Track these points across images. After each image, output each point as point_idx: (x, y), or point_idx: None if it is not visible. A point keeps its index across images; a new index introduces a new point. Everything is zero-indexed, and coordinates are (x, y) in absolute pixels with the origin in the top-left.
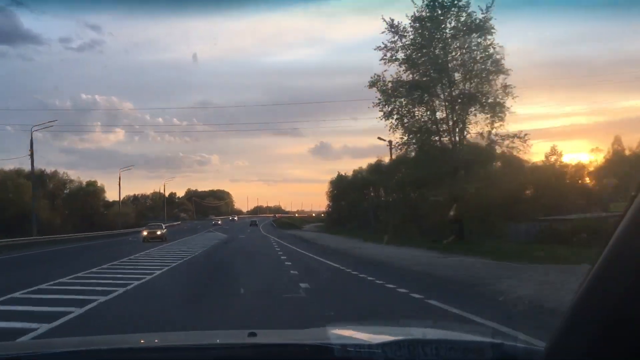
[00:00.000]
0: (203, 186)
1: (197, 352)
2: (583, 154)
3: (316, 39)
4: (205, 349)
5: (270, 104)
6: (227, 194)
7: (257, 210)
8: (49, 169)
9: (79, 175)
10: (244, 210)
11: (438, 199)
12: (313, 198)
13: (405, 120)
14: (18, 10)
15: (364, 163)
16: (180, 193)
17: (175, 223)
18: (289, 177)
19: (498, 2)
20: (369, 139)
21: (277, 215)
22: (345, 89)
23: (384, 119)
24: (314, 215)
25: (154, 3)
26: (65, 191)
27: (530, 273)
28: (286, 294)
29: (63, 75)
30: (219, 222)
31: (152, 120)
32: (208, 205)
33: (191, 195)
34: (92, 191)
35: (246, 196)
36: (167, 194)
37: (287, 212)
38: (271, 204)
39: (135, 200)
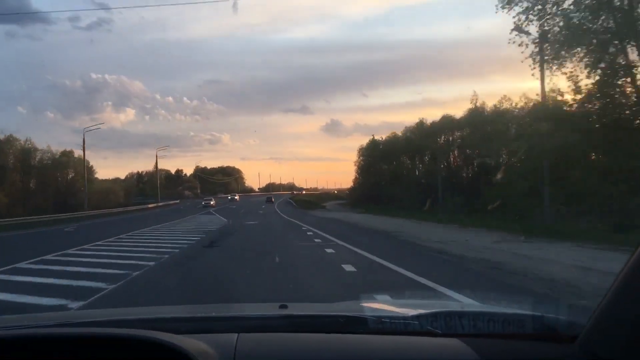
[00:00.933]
0: (214, 165)
1: (228, 323)
2: None
3: (327, 15)
4: (236, 319)
5: (280, 81)
6: (237, 170)
7: (270, 187)
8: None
9: (49, 144)
10: (256, 187)
11: None
12: (327, 176)
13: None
14: None
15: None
16: (189, 171)
17: (172, 202)
18: (300, 155)
19: None
20: (379, 116)
21: (294, 192)
22: (356, 66)
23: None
24: (335, 192)
25: None
26: (31, 162)
27: None
28: None
29: (72, 55)
30: (211, 203)
31: (162, 99)
32: (217, 182)
33: (198, 172)
34: (65, 163)
35: (257, 173)
36: (173, 171)
37: (302, 189)
38: (284, 182)
39: (139, 177)
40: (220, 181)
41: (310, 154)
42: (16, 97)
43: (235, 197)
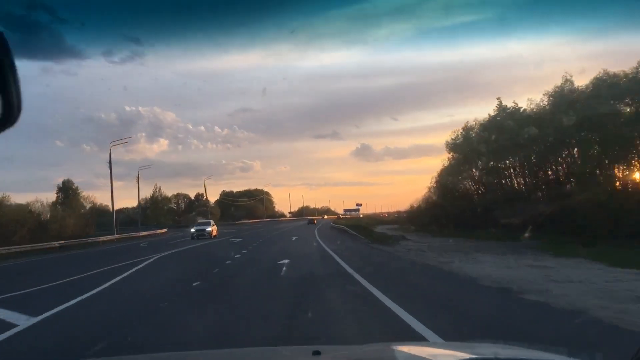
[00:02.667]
0: (241, 188)
1: None
2: None
3: (353, 40)
4: None
5: (310, 107)
6: (265, 193)
7: (303, 211)
8: None
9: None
10: (287, 211)
11: None
12: (360, 200)
13: None
14: (62, 27)
15: (405, 164)
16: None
17: (159, 231)
18: (330, 180)
19: None
20: (410, 139)
21: (340, 215)
22: (385, 89)
23: None
24: (386, 215)
25: (191, 16)
26: None
27: None
28: None
29: (106, 88)
30: (209, 230)
31: (194, 128)
32: (242, 206)
33: (223, 197)
34: None
35: (288, 196)
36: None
37: (357, 209)
38: (318, 205)
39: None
40: (245, 204)
41: (341, 178)
42: (53, 132)
43: (208, 229)
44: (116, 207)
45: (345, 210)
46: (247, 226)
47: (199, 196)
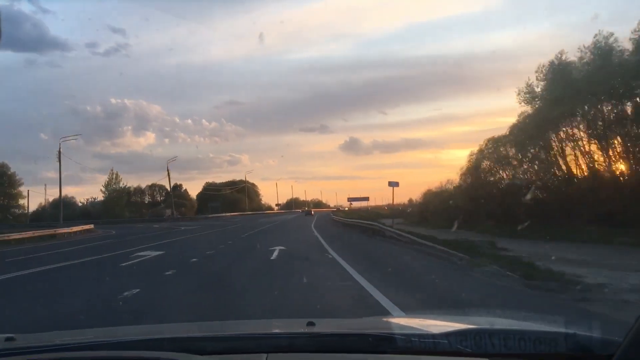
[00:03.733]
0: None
1: (256, 341)
2: None
3: (341, 33)
4: (264, 338)
5: (298, 100)
6: (251, 185)
7: (293, 203)
8: None
9: None
10: (274, 204)
11: None
12: (351, 193)
13: None
14: (45, 18)
15: (394, 158)
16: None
17: (76, 229)
18: (319, 174)
19: None
20: (398, 132)
21: (340, 207)
22: (373, 83)
23: None
24: (386, 208)
25: (177, 8)
26: None
27: None
28: None
29: (92, 80)
30: None
31: (181, 122)
32: (227, 198)
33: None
34: None
35: (275, 188)
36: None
37: (329, 207)
38: (308, 198)
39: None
40: (228, 196)
41: (330, 172)
42: (38, 124)
43: None
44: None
45: (349, 199)
46: (215, 222)
47: (177, 187)
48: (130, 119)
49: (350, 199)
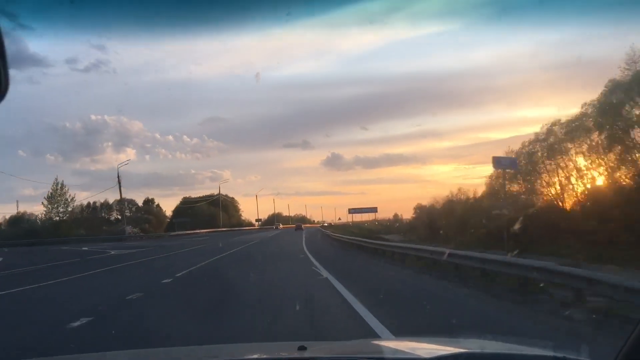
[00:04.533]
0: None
1: None
2: None
3: (322, 50)
4: None
5: (280, 116)
6: (230, 199)
7: (275, 219)
8: None
9: None
10: (253, 219)
11: None
12: (331, 210)
13: None
14: (24, 34)
15: (376, 173)
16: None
17: None
18: (301, 189)
19: None
20: (380, 148)
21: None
22: (355, 99)
23: None
24: (376, 223)
25: (157, 22)
26: None
27: None
28: None
29: (71, 97)
30: None
31: (162, 138)
32: (203, 213)
33: (183, 204)
34: None
35: (256, 206)
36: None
37: (316, 222)
38: (292, 213)
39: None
40: (205, 211)
41: (312, 188)
42: (16, 141)
43: None
44: None
45: (351, 210)
46: (171, 243)
47: (149, 202)
48: (111, 135)
49: (353, 210)
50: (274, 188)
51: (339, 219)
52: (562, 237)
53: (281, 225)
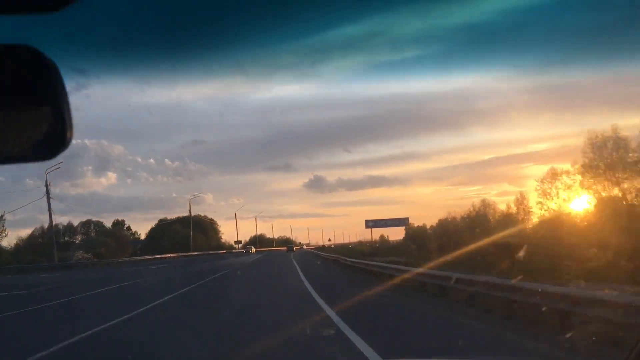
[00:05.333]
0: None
1: None
2: None
3: (304, 74)
4: None
5: (262, 139)
6: (209, 220)
7: (257, 240)
8: None
9: None
10: (233, 241)
11: None
12: (316, 232)
13: None
14: None
15: (359, 195)
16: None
17: None
18: (284, 212)
19: None
20: (363, 170)
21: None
22: (336, 122)
23: None
24: (350, 246)
25: (139, 48)
26: None
27: None
28: None
29: None
30: None
31: (143, 161)
32: (180, 235)
33: (159, 224)
34: None
35: (236, 227)
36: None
37: (301, 244)
38: (276, 235)
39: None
40: (180, 232)
41: (295, 210)
42: None
43: None
44: None
45: (368, 223)
46: (103, 276)
47: (119, 223)
48: (91, 159)
49: (369, 222)
50: (256, 210)
51: (329, 239)
52: None
53: (253, 249)
